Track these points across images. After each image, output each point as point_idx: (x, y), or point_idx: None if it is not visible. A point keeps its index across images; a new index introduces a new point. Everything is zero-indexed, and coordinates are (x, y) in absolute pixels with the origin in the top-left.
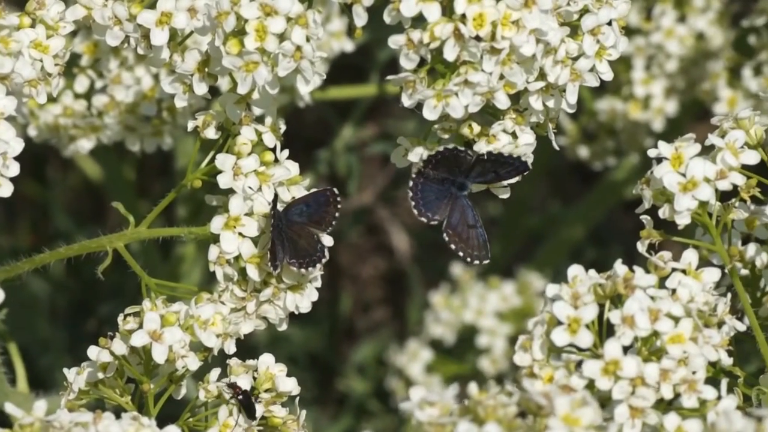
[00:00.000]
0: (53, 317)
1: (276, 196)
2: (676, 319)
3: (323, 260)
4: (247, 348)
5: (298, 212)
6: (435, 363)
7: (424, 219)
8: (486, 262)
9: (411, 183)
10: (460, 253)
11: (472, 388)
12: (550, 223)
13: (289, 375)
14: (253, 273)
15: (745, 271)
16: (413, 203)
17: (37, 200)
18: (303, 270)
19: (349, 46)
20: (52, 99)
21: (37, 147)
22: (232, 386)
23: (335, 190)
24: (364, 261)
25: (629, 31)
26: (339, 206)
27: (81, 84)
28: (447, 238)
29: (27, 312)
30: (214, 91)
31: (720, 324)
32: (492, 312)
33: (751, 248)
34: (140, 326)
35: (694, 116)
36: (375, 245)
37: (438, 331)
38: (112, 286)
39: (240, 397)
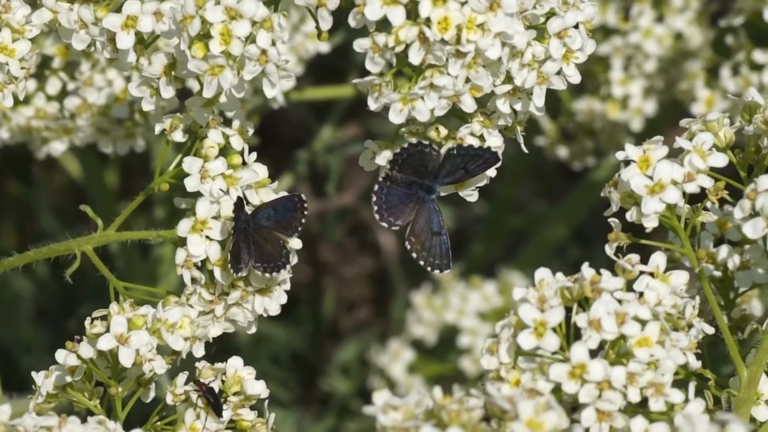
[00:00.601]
0: (36, 317)
1: (241, 199)
2: (644, 323)
3: (288, 266)
4: (230, 348)
5: (266, 216)
6: (417, 363)
7: (385, 224)
8: (447, 271)
9: (376, 187)
10: (421, 262)
11: (437, 392)
12: (534, 222)
13: (269, 374)
14: (220, 276)
15: (717, 273)
16: (375, 207)
17: (22, 200)
18: (267, 275)
19: (324, 47)
20: (23, 101)
21: (22, 147)
22: (198, 384)
23: (302, 195)
24: (349, 260)
25: (607, 32)
26: (306, 212)
27: (53, 86)
28: (409, 246)
29: (9, 312)
30: (187, 93)
31: (689, 327)
32: (473, 312)
33: (723, 250)
34: (107, 330)
35: (673, 116)
36: (360, 244)
37: (420, 331)
38: (95, 286)
39: (206, 394)
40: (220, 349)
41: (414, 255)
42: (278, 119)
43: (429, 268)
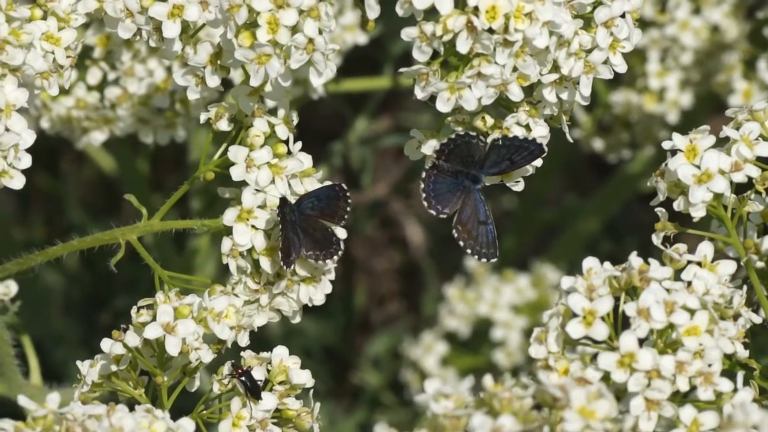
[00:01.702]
0: (67, 311)
1: (284, 196)
2: (692, 312)
3: (339, 252)
4: (262, 341)
5: (310, 206)
6: (450, 356)
7: (433, 212)
8: (494, 260)
9: (424, 174)
10: (468, 250)
11: (488, 380)
12: (566, 216)
13: (303, 368)
14: (266, 265)
15: (761, 264)
16: (424, 195)
17: (51, 193)
18: (320, 262)
19: (362, 38)
20: (64, 91)
21: (51, 140)
22: (235, 366)
23: (344, 185)
24: (379, 254)
25: (644, 24)
26: (349, 200)
27: (94, 76)
28: (456, 234)
29: (41, 305)
30: (227, 83)
31: (736, 316)
32: (507, 305)
33: (767, 241)
34: (153, 318)
35: (709, 109)
36: (389, 238)
37: (453, 324)
38: (126, 279)
39: (242, 378)
40: (252, 341)
41: (461, 243)
42: (310, 111)
43: (476, 257)
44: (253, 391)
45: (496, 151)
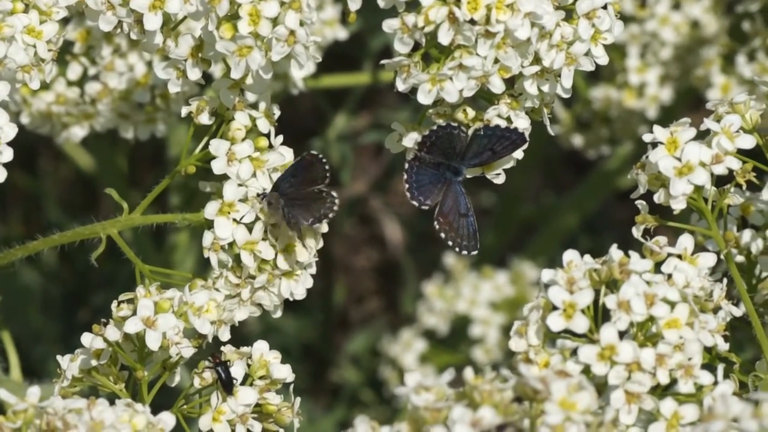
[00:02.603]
0: (46, 308)
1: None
2: (672, 304)
3: (336, 202)
4: (240, 337)
5: (289, 185)
6: (428, 353)
7: (415, 203)
8: (474, 252)
9: (406, 166)
10: (449, 242)
11: (468, 373)
12: (544, 212)
13: (283, 362)
14: (247, 259)
15: (740, 258)
16: (406, 186)
17: (29, 191)
18: (326, 220)
19: (342, 33)
20: (45, 86)
21: (28, 138)
22: (214, 356)
23: (313, 151)
24: (358, 252)
25: (624, 19)
26: (325, 162)
27: (74, 71)
28: (437, 226)
29: (19, 302)
30: (207, 77)
31: (716, 309)
32: (485, 302)
33: (747, 234)
34: (134, 313)
35: (688, 104)
36: (368, 236)
37: (431, 321)
38: (104, 275)
39: (218, 368)
40: (230, 338)
41: (443, 235)
42: (289, 107)
43: (457, 249)
44: (226, 384)
45: (478, 141)
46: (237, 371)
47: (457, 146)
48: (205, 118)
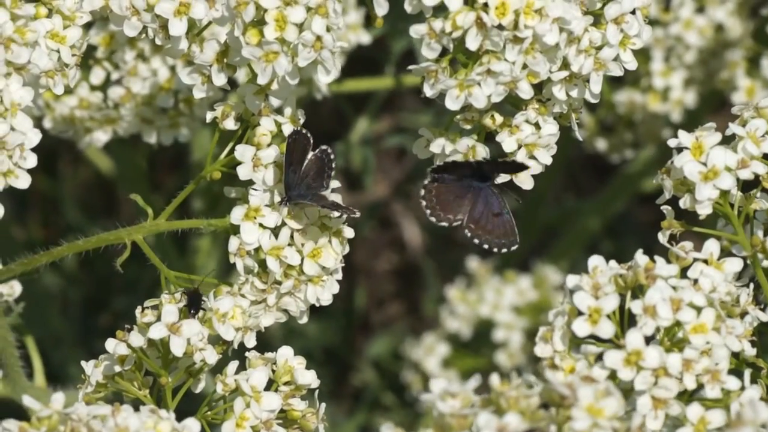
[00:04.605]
0: (66, 312)
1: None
2: (699, 309)
3: (331, 154)
4: (262, 342)
5: (293, 172)
6: (451, 357)
7: (445, 223)
8: (515, 247)
9: (422, 191)
10: (485, 246)
11: (494, 379)
12: (566, 216)
13: (307, 368)
14: (273, 265)
15: (767, 263)
16: (428, 211)
17: (49, 195)
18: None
19: (365, 38)
20: (68, 91)
21: (49, 141)
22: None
23: (295, 129)
24: (378, 255)
25: (648, 23)
26: (301, 130)
27: (97, 76)
28: (469, 234)
29: (40, 306)
30: (231, 82)
31: (743, 314)
32: (508, 306)
33: None
34: (158, 319)
35: (712, 108)
36: (389, 240)
37: (454, 326)
38: (125, 280)
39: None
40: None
41: (477, 242)
42: (311, 111)
43: (496, 249)
44: (194, 308)
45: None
46: (261, 377)
47: (467, 172)
48: (230, 123)
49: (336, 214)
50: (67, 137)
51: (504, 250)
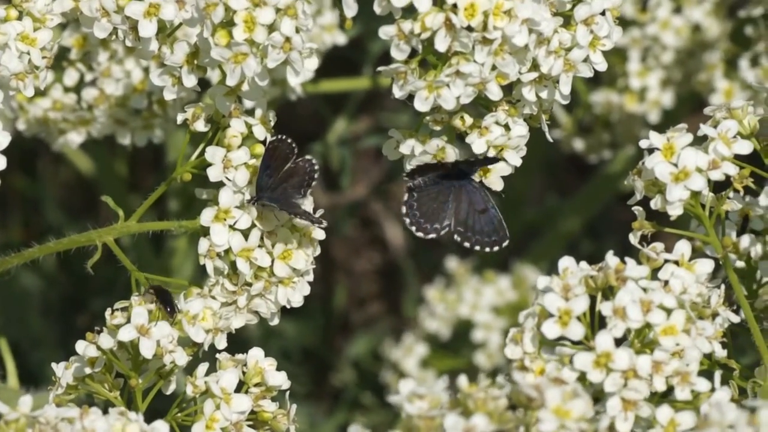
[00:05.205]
0: (45, 313)
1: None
2: (669, 311)
3: (314, 164)
4: (240, 342)
5: (268, 176)
6: (430, 357)
7: (433, 234)
8: (505, 243)
9: (404, 208)
10: (477, 248)
11: (462, 380)
12: (546, 216)
13: (280, 369)
14: (243, 267)
15: (740, 263)
16: (414, 227)
17: (28, 195)
18: (306, 191)
19: (341, 38)
20: (41, 92)
21: (28, 141)
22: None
23: (271, 137)
24: (359, 255)
25: (624, 23)
26: (287, 139)
27: (70, 77)
28: (459, 239)
29: (18, 307)
30: (204, 83)
31: (714, 316)
32: (487, 306)
33: (746, 239)
34: (128, 321)
35: (690, 108)
36: (369, 239)
37: (433, 326)
38: (104, 280)
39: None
40: (230, 343)
41: (466, 244)
42: (289, 112)
43: (488, 249)
44: (165, 303)
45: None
46: (231, 379)
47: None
48: (201, 125)
49: (304, 222)
50: (43, 138)
51: (496, 248)
